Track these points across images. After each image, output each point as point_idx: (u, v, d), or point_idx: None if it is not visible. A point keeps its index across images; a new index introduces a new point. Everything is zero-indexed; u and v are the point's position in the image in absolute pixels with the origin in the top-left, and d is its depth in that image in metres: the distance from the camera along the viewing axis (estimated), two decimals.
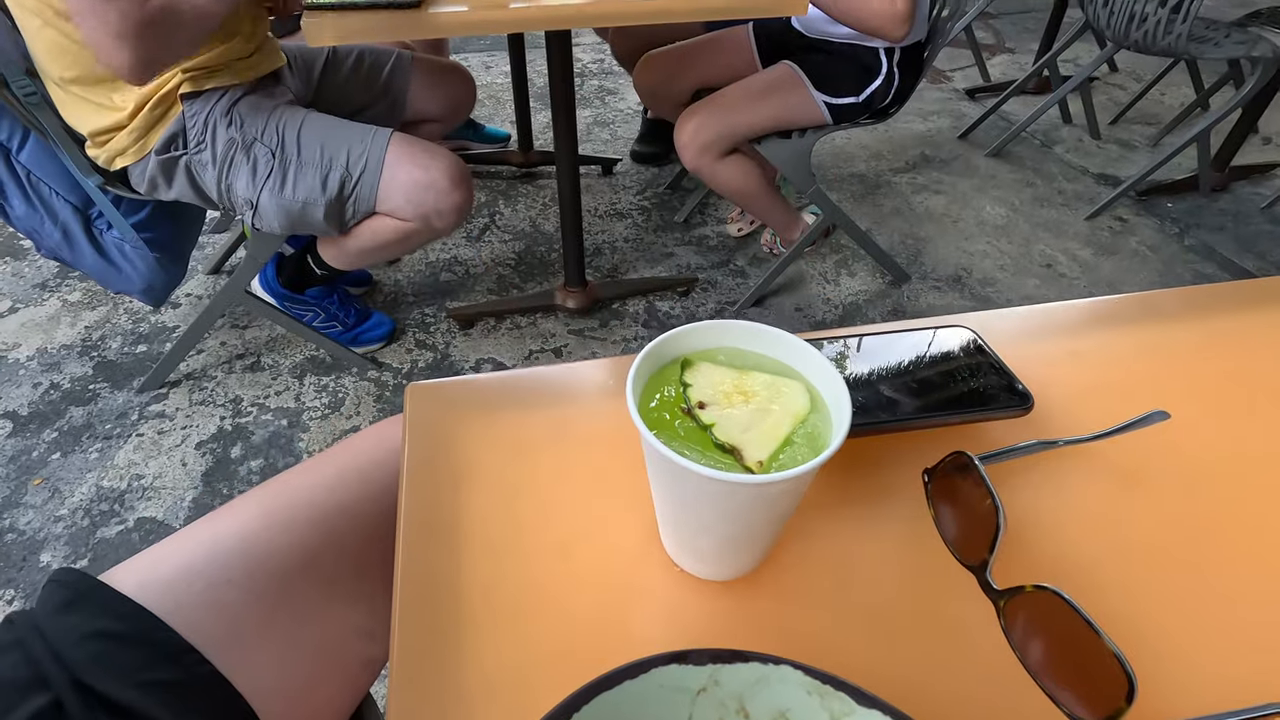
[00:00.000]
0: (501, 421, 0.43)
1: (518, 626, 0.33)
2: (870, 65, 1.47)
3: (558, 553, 0.36)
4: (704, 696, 0.26)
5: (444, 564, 0.35)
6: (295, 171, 1.17)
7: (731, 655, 0.26)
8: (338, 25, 1.00)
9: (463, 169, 1.23)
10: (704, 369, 0.32)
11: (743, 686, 0.26)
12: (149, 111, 1.14)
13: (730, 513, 0.28)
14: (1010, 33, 3.60)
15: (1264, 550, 0.36)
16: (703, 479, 0.26)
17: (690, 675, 0.25)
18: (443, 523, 0.37)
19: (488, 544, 0.36)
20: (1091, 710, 0.28)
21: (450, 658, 0.32)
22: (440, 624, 0.33)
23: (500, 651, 0.32)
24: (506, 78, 2.75)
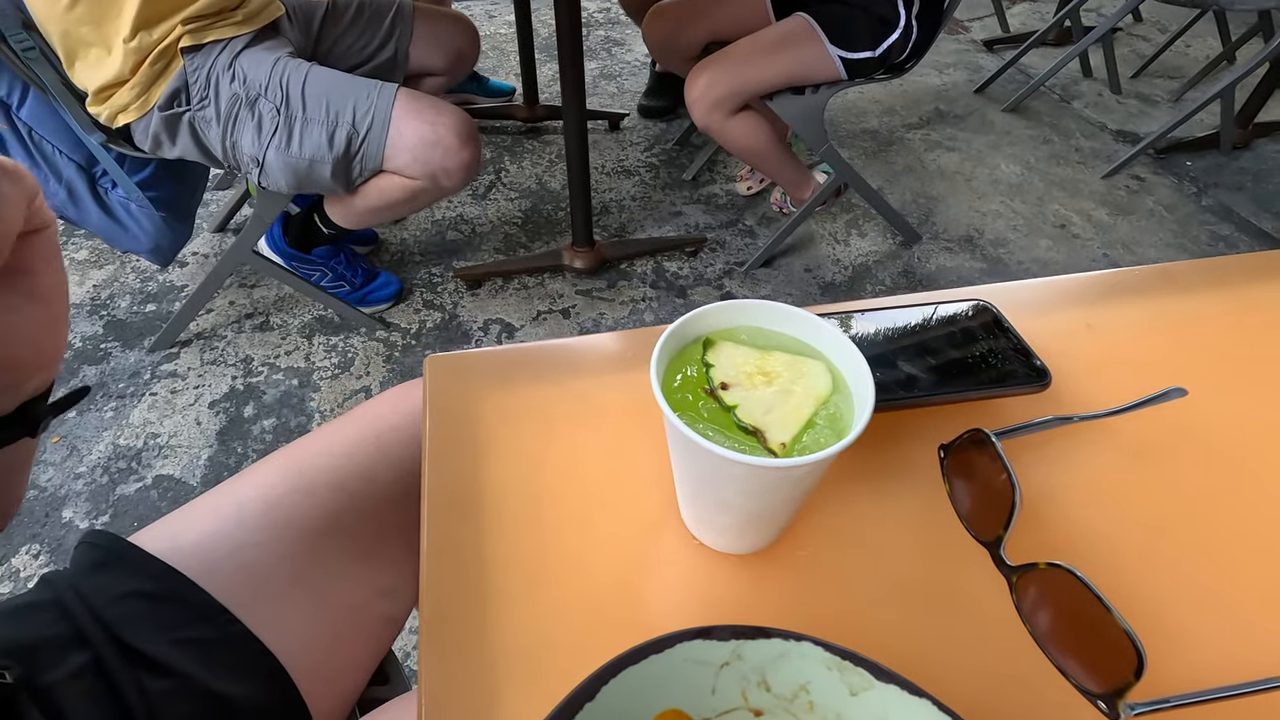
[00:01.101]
0: (520, 393, 0.43)
1: (540, 595, 0.34)
2: (887, 17, 1.42)
3: (577, 523, 0.37)
4: (727, 670, 0.26)
5: (467, 535, 0.36)
6: (301, 128, 1.15)
7: (754, 631, 0.26)
8: None
9: (470, 125, 1.21)
10: (726, 349, 0.32)
11: (765, 661, 0.26)
12: (150, 66, 1.12)
13: (752, 493, 0.29)
14: None
15: (1277, 530, 0.37)
16: (727, 461, 0.27)
17: (714, 650, 0.26)
18: (464, 494, 0.38)
19: (509, 515, 0.37)
20: (1100, 683, 0.29)
21: (475, 626, 0.33)
22: (465, 593, 0.34)
23: (523, 619, 0.33)
24: (510, 28, 2.67)
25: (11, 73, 1.18)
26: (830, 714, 0.26)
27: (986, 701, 0.30)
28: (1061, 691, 0.31)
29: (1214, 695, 0.30)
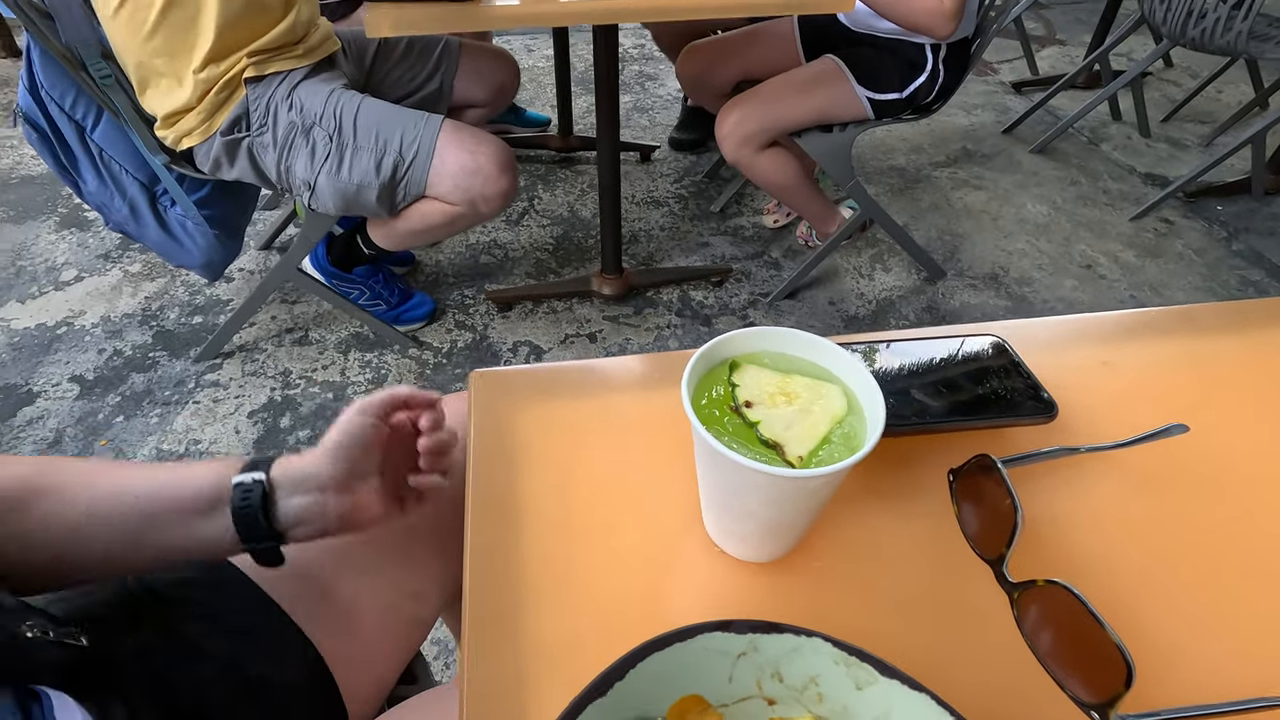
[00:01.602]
0: (557, 408, 0.47)
1: (572, 597, 0.37)
2: (915, 61, 1.46)
3: (607, 531, 0.40)
4: (743, 660, 0.29)
5: (507, 540, 0.39)
6: (351, 155, 1.21)
7: (769, 626, 0.29)
8: (397, 17, 1.04)
9: (509, 156, 1.27)
10: (750, 371, 0.35)
11: (778, 654, 0.29)
12: (215, 94, 1.19)
13: (772, 501, 0.32)
14: (1062, 23, 3.51)
15: (1268, 559, 0.39)
16: (750, 471, 0.29)
17: (732, 641, 0.29)
18: (505, 502, 0.41)
19: (545, 522, 0.40)
20: (1093, 694, 0.31)
21: (513, 624, 0.36)
22: (504, 594, 0.37)
23: (557, 619, 0.36)
24: (547, 61, 2.77)
25: (89, 98, 1.26)
26: (838, 705, 0.28)
27: (985, 708, 0.32)
28: (1057, 702, 0.33)
29: (1201, 711, 0.32)
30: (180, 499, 0.46)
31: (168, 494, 0.46)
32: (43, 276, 1.82)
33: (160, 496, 0.46)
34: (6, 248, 1.90)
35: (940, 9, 1.29)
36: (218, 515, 0.46)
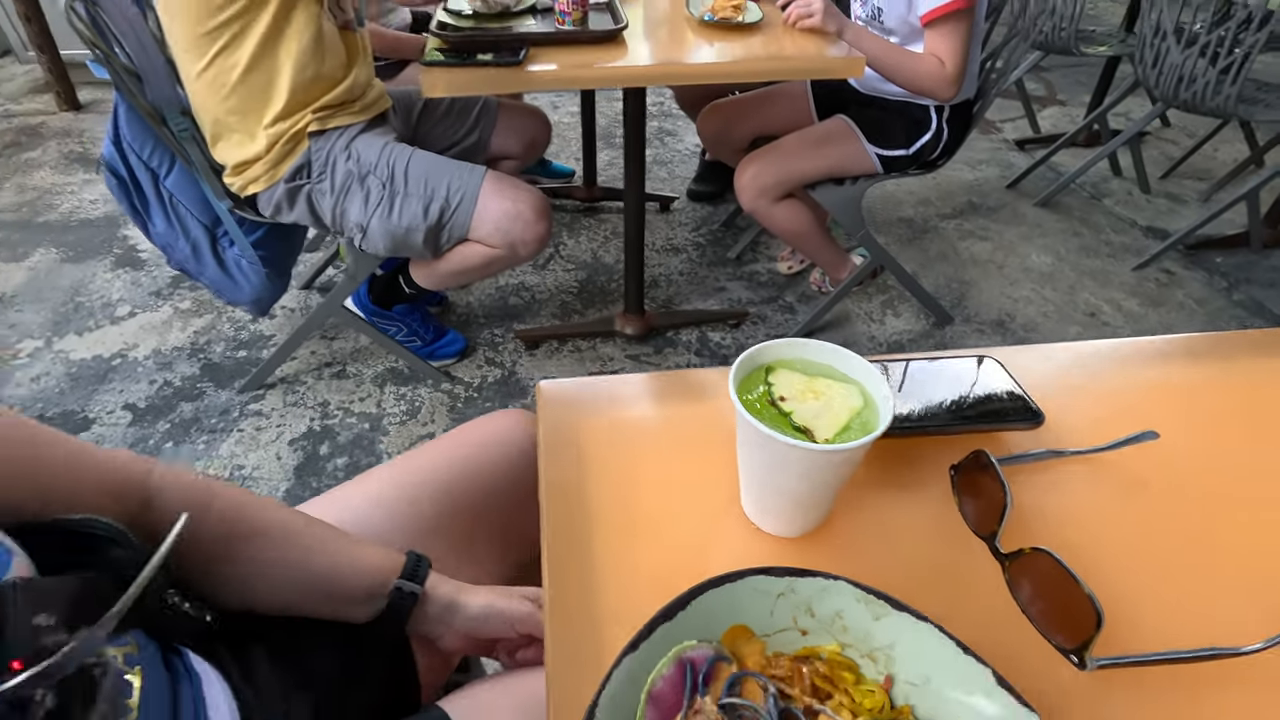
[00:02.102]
0: (614, 415, 0.54)
1: (635, 570, 0.44)
2: (920, 120, 1.58)
3: (662, 517, 0.47)
4: (781, 599, 0.36)
5: (576, 529, 0.46)
6: (401, 201, 1.33)
7: (803, 571, 0.36)
8: (450, 79, 1.16)
9: (545, 203, 1.37)
10: (784, 374, 0.43)
11: (810, 594, 0.36)
12: (281, 146, 1.31)
13: (804, 474, 0.39)
14: (1063, 85, 3.66)
15: (1219, 538, 0.45)
16: (788, 447, 0.37)
17: (773, 583, 0.36)
18: (572, 497, 0.48)
19: (608, 512, 0.47)
20: (1071, 640, 0.38)
21: (585, 594, 0.42)
22: (577, 572, 0.44)
23: (622, 588, 0.43)
24: (571, 117, 2.94)
25: (164, 149, 1.39)
26: (860, 634, 0.35)
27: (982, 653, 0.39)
28: (1044, 653, 0.39)
29: (1160, 657, 0.38)
30: (350, 589, 0.56)
31: (343, 579, 0.56)
32: (99, 312, 1.93)
33: (336, 579, 0.55)
34: (66, 284, 2.02)
35: (943, 75, 1.40)
36: (373, 603, 0.56)
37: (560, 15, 1.32)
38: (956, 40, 1.39)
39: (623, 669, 0.32)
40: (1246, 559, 0.44)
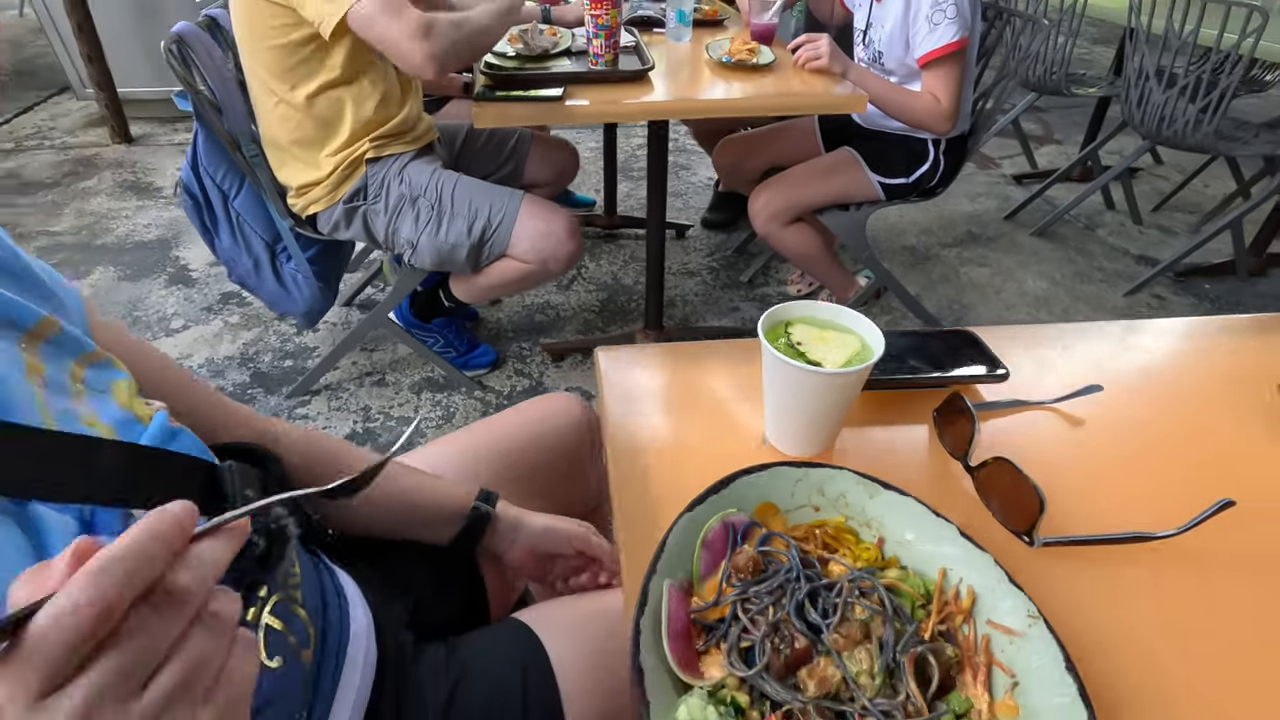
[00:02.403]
0: (663, 371, 0.66)
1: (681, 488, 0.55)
2: (919, 152, 1.72)
3: (702, 447, 0.58)
4: (800, 483, 0.48)
5: (637, 463, 0.58)
6: (448, 220, 1.47)
7: (815, 464, 0.48)
8: (499, 112, 1.31)
9: (576, 224, 1.51)
10: (800, 326, 0.55)
11: (821, 479, 0.48)
12: (341, 171, 1.47)
13: (816, 395, 0.51)
14: (1059, 125, 3.84)
15: (1146, 453, 0.57)
16: (803, 372, 0.49)
17: (793, 471, 0.48)
18: (633, 437, 0.60)
19: (662, 447, 0.59)
20: (1022, 523, 0.49)
21: (644, 508, 0.54)
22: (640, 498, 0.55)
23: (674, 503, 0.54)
24: (592, 151, 3.12)
25: (236, 172, 1.54)
26: (858, 507, 0.47)
27: None
28: (1004, 538, 0.50)
29: (1093, 539, 0.49)
30: (436, 513, 0.68)
31: (430, 505, 0.68)
32: (155, 325, 2.08)
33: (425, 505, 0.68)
34: (124, 300, 2.18)
35: (938, 111, 1.55)
36: (454, 525, 0.68)
37: (594, 57, 1.47)
38: (950, 80, 1.54)
39: (680, 525, 0.44)
40: (1164, 472, 0.56)
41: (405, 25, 1.22)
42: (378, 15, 1.22)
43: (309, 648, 0.48)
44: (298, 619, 0.48)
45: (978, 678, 0.39)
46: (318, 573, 0.54)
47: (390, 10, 1.22)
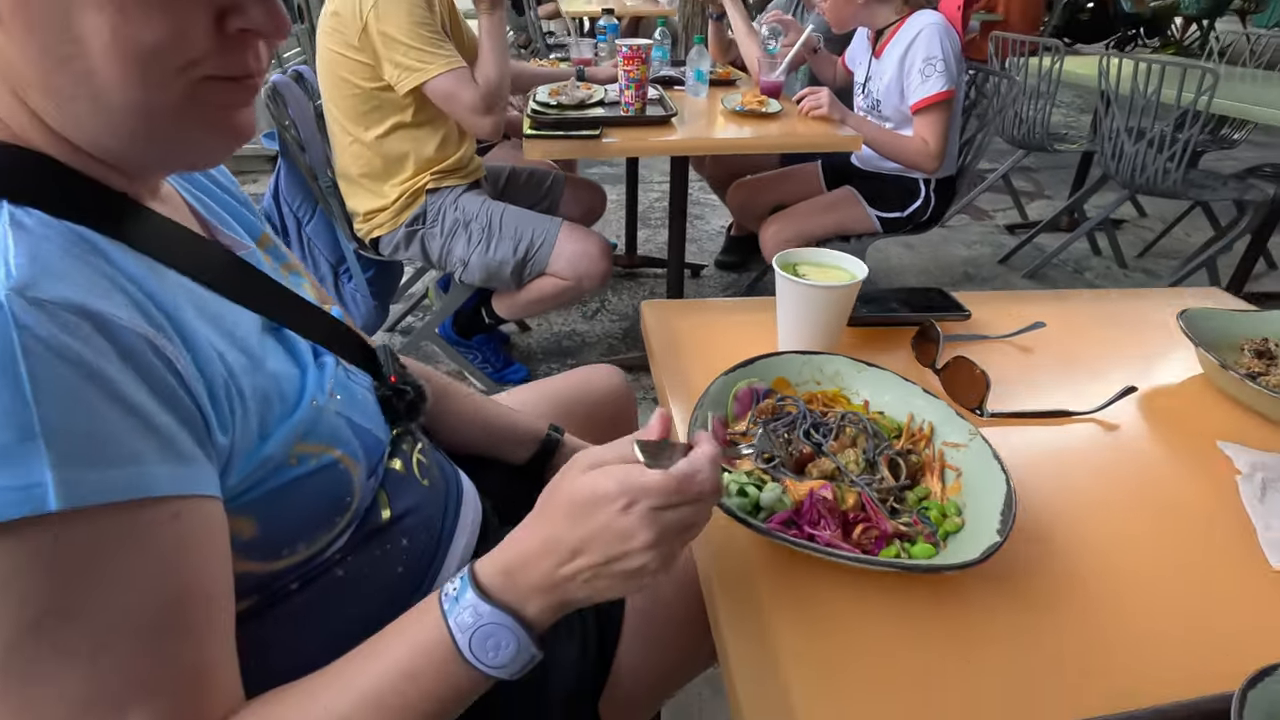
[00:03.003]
0: (700, 321, 0.84)
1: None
2: (912, 189, 1.93)
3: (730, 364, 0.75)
4: (805, 364, 0.64)
5: (677, 376, 0.75)
6: (496, 242, 1.68)
7: (817, 352, 0.65)
8: (545, 147, 1.53)
9: (608, 247, 1.72)
10: (805, 266, 0.73)
11: (821, 361, 0.64)
12: (405, 199, 1.68)
13: (819, 308, 0.68)
14: (1048, 183, 4.09)
15: (1071, 366, 0.73)
16: (807, 287, 0.66)
17: (801, 356, 0.65)
18: (676, 374, 0.76)
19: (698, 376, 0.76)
20: (974, 400, 0.65)
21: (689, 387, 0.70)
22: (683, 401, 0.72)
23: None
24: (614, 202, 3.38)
25: (310, 201, 1.77)
26: (850, 380, 0.63)
27: None
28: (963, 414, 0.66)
29: (1030, 412, 0.65)
30: (513, 434, 0.82)
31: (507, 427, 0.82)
32: None
33: (503, 426, 0.82)
34: None
35: (927, 152, 1.76)
36: (528, 447, 0.82)
37: (625, 106, 1.71)
38: (938, 125, 1.76)
39: (717, 383, 0.60)
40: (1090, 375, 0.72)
41: (471, 100, 1.52)
42: (450, 90, 1.51)
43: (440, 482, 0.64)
44: (432, 465, 0.64)
45: (934, 474, 0.55)
46: (434, 448, 0.71)
47: (460, 86, 1.51)
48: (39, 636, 0.32)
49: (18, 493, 0.31)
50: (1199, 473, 0.61)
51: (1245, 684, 0.38)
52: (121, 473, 0.34)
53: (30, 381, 0.32)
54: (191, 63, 0.40)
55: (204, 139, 0.44)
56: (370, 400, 0.60)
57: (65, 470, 0.32)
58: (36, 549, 0.31)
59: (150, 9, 0.37)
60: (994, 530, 0.47)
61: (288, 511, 0.47)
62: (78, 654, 0.33)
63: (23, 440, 0.31)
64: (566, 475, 0.43)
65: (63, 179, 0.42)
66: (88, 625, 0.33)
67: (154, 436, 0.36)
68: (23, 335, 0.32)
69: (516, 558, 0.42)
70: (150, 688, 0.35)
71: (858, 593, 0.48)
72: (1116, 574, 0.50)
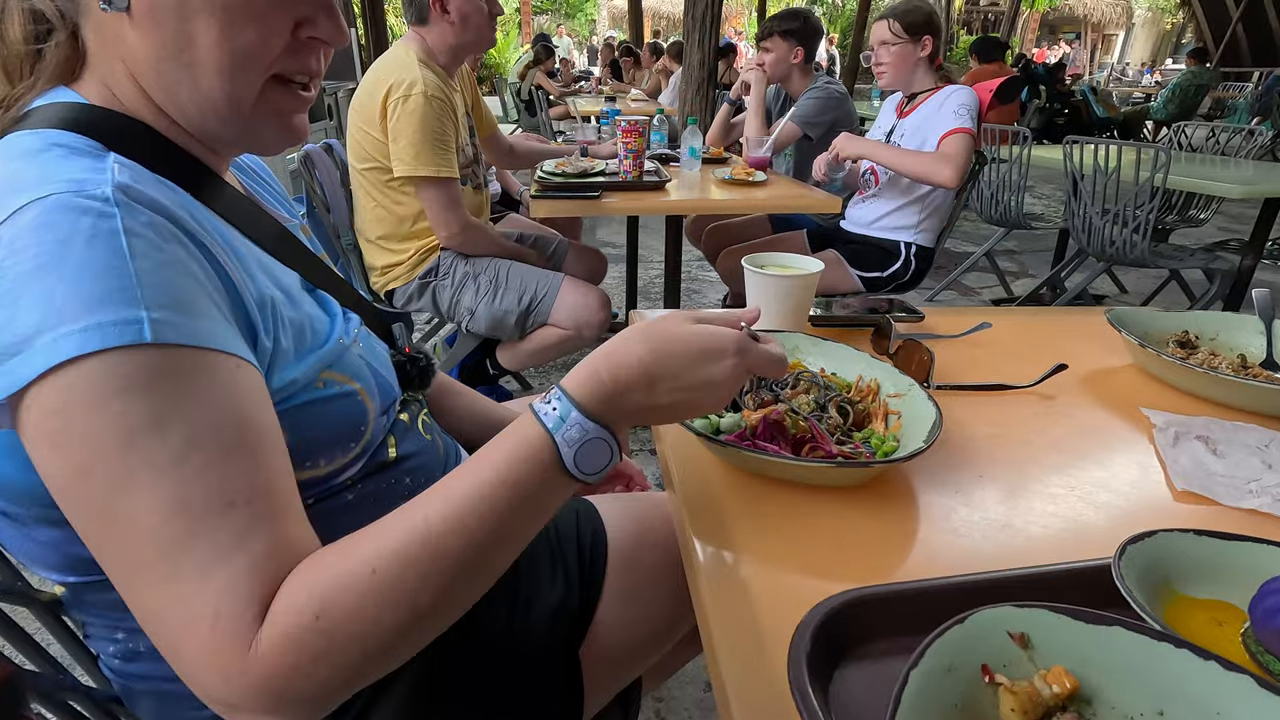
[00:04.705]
0: None
1: None
2: (892, 253, 2.07)
3: None
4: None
5: None
6: (503, 293, 1.80)
7: (779, 330, 0.74)
8: (551, 205, 1.68)
9: (607, 299, 1.83)
10: (770, 266, 0.83)
11: (783, 338, 0.73)
12: (420, 254, 1.82)
13: (782, 297, 0.77)
14: (1031, 263, 4.28)
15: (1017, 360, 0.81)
16: (771, 278, 0.76)
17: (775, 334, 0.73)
18: None
19: None
20: (921, 374, 0.74)
21: None
22: None
23: None
24: (614, 279, 3.56)
25: (333, 257, 1.90)
26: (806, 353, 0.72)
27: None
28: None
29: (972, 386, 0.73)
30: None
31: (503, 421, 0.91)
32: None
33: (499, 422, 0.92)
34: None
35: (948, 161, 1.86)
36: None
37: (624, 174, 1.88)
38: (962, 146, 1.84)
39: None
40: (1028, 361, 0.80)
41: (454, 220, 1.71)
42: (437, 202, 1.69)
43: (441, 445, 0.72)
44: (435, 432, 0.72)
45: (879, 419, 0.62)
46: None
47: (447, 207, 1.69)
48: (131, 450, 0.39)
49: (120, 326, 0.39)
50: (1123, 430, 0.68)
51: (1127, 540, 0.44)
52: (198, 324, 0.42)
53: (128, 248, 0.41)
54: (270, 63, 0.52)
55: (269, 130, 0.55)
56: (387, 359, 0.69)
57: (156, 313, 0.40)
58: (134, 372, 0.39)
59: (248, 19, 0.49)
60: (921, 442, 0.54)
61: (313, 427, 0.55)
62: (165, 466, 0.39)
63: (124, 289, 0.40)
64: (673, 322, 0.51)
65: (160, 144, 0.53)
66: (175, 437, 0.40)
67: (220, 313, 0.45)
68: (122, 214, 0.42)
69: (619, 384, 0.48)
70: (229, 498, 0.41)
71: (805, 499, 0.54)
72: (1042, 493, 0.57)
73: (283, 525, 0.43)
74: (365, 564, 0.42)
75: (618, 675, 0.73)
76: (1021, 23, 18.73)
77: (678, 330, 0.50)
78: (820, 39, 2.49)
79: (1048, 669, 0.35)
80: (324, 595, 0.41)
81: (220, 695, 0.40)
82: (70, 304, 0.39)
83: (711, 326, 0.51)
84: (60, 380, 0.39)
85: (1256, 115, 8.18)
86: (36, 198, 0.41)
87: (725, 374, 0.49)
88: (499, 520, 0.45)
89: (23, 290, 0.39)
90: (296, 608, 0.40)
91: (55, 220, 0.41)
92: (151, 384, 0.40)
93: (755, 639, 0.43)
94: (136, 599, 0.41)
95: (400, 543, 0.43)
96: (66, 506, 0.41)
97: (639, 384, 0.48)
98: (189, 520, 0.40)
